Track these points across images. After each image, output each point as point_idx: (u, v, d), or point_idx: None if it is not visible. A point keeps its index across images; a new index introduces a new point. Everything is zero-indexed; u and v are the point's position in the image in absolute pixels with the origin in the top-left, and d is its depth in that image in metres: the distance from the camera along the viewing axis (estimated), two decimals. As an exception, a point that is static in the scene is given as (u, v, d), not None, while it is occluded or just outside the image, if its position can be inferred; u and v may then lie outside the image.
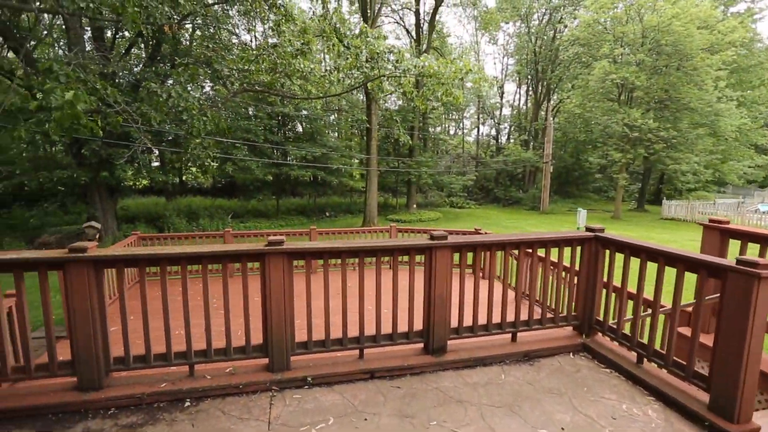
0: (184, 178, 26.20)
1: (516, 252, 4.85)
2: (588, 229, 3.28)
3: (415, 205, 26.00)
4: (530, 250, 3.23)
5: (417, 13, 24.89)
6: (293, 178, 21.05)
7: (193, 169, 27.94)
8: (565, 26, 31.79)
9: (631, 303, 3.45)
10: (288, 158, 22.03)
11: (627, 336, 2.95)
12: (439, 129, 36.32)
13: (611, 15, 23.52)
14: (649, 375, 2.71)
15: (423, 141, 28.43)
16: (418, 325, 3.08)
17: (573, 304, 3.40)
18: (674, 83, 21.21)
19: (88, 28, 14.46)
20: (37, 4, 5.96)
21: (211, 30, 14.16)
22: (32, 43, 14.59)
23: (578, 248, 3.27)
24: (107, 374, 2.60)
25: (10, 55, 15.13)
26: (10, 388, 2.67)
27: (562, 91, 34.92)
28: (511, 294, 3.52)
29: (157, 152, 17.54)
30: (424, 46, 22.70)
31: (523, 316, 3.30)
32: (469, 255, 3.15)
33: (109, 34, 15.61)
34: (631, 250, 2.87)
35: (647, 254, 2.73)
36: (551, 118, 30.01)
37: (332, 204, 25.93)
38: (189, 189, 26.18)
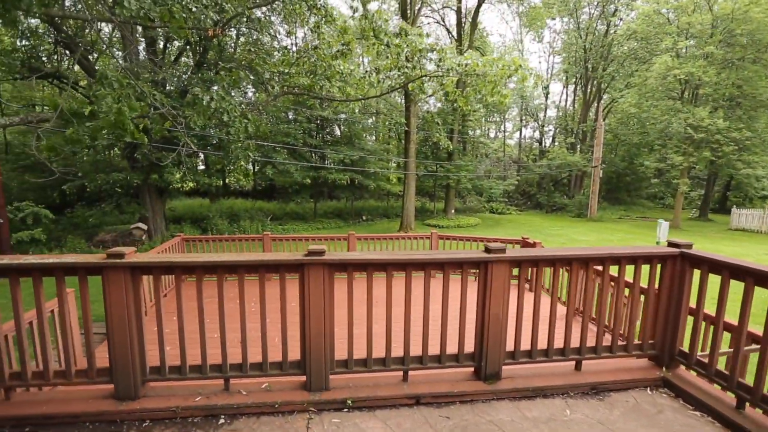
0: (227, 180, 27.24)
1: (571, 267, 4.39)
2: (671, 245, 2.83)
3: (453, 210, 25.41)
4: (600, 267, 2.82)
5: (459, 11, 24.40)
6: (331, 181, 21.20)
7: (235, 173, 29.03)
8: (620, 19, 29.90)
9: (722, 334, 2.94)
10: (326, 162, 22.23)
11: (722, 373, 2.48)
12: (478, 132, 35.41)
13: (675, 5, 21.74)
14: (756, 425, 2.23)
15: (462, 144, 27.78)
16: (469, 346, 2.77)
17: (649, 331, 2.94)
18: (749, 78, 19.21)
19: (142, 39, 15.33)
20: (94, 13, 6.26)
21: (254, 36, 14.55)
22: (95, 55, 15.68)
23: (658, 266, 2.83)
24: (143, 384, 2.51)
25: (76, 67, 16.34)
26: (51, 392, 2.65)
27: (614, 90, 32.92)
28: (570, 314, 3.10)
29: (202, 156, 18.27)
30: (465, 46, 22.18)
31: (590, 342, 2.89)
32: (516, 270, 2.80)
33: (161, 45, 16.46)
34: (731, 271, 2.40)
35: (755, 278, 2.26)
36: (602, 119, 28.31)
37: (369, 208, 25.89)
38: (231, 191, 27.14)
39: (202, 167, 20.49)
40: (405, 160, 19.33)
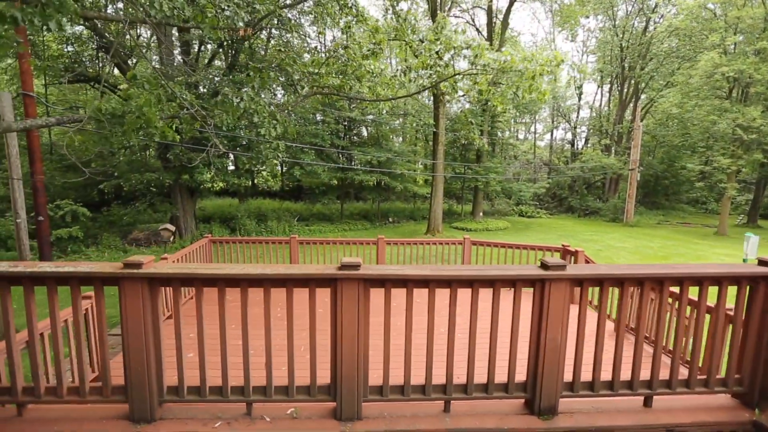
0: (255, 181, 27.66)
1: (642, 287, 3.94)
2: (764, 263, 2.39)
3: (481, 213, 24.75)
4: (677, 288, 2.42)
5: (489, 10, 23.80)
6: (357, 182, 21.07)
7: (264, 173, 29.46)
8: (661, 16, 28.38)
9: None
10: (353, 163, 22.12)
11: (840, 423, 2.03)
12: (507, 133, 34.46)
13: (723, -2, 20.37)
14: None
15: (491, 146, 27.10)
16: (521, 375, 2.43)
17: (735, 364, 2.50)
18: (807, 75, 17.76)
19: (178, 44, 15.68)
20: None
21: (285, 38, 14.57)
22: (134, 60, 16.21)
23: (747, 288, 2.39)
24: (160, 404, 2.31)
25: (116, 71, 16.98)
26: (63, 409, 2.49)
27: (652, 90, 31.29)
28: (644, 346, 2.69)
29: (232, 157, 18.53)
30: (496, 45, 21.57)
31: (662, 375, 2.48)
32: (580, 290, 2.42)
33: (196, 49, 16.81)
34: None
35: None
36: (639, 120, 26.90)
37: (395, 210, 25.60)
38: (260, 192, 27.50)
39: (232, 168, 20.82)
40: (433, 161, 18.95)
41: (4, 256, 11.49)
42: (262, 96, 6.76)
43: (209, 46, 17.13)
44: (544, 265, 2.28)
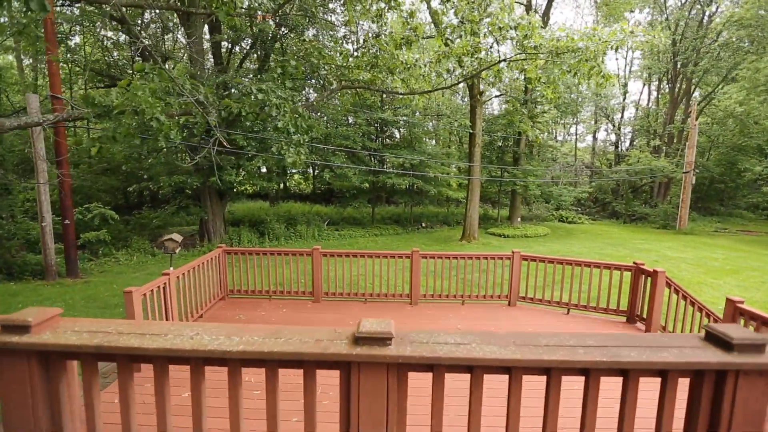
0: (287, 184, 27.44)
1: None
2: None
3: (519, 218, 23.24)
4: None
5: (528, 5, 22.36)
6: (389, 186, 20.24)
7: (296, 176, 29.25)
8: (718, 6, 25.84)
9: None
10: (384, 165, 21.34)
11: None
12: (546, 135, 32.56)
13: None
14: None
15: (530, 148, 25.53)
16: None
17: None
18: None
19: (209, 45, 15.51)
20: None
21: (314, 33, 14.01)
22: (172, 67, 16.26)
23: None
24: None
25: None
26: None
27: (707, 86, 28.55)
28: None
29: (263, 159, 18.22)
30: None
31: None
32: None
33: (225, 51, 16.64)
34: None
35: None
36: (694, 119, 24.44)
37: (428, 214, 24.53)
38: (291, 195, 27.27)
39: (264, 170, 20.55)
40: (469, 164, 17.81)
41: (33, 259, 11.45)
42: (287, 88, 6.09)
43: (238, 48, 16.93)
44: (722, 342, 1.26)
